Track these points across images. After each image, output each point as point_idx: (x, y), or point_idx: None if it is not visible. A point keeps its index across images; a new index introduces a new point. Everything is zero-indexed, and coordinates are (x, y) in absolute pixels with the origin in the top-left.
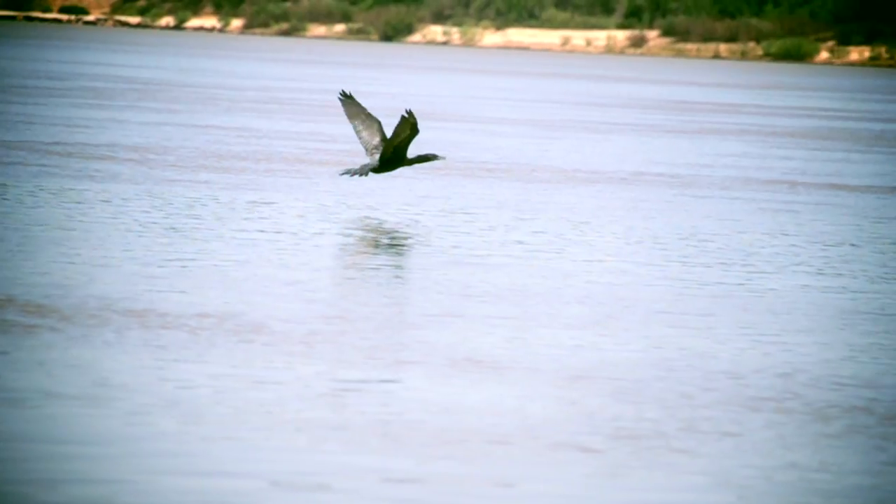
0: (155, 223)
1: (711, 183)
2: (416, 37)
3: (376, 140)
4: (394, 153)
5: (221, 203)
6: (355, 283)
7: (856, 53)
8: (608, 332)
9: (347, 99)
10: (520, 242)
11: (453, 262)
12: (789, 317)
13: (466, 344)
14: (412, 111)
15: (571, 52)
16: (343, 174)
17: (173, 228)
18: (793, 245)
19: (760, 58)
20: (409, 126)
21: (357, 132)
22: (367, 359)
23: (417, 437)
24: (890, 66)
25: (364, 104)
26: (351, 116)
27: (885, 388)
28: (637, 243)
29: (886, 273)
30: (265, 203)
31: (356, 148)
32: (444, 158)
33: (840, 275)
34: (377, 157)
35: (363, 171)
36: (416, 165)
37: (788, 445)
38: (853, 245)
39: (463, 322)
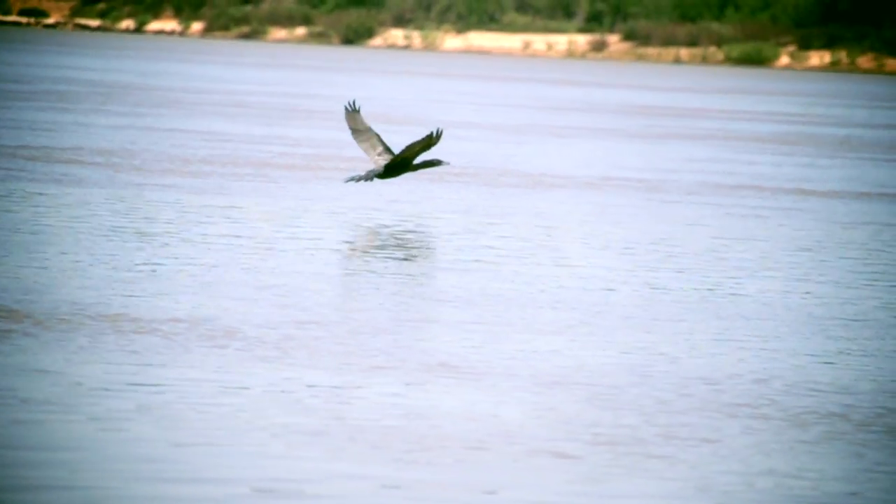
0: (124, 227)
1: (679, 188)
2: (377, 40)
3: (379, 149)
4: (402, 161)
5: (190, 207)
6: (327, 287)
7: (816, 58)
8: (582, 338)
9: (353, 112)
10: (490, 248)
11: (424, 268)
12: (762, 322)
13: (441, 349)
14: (440, 133)
15: (532, 56)
16: (348, 180)
17: (142, 233)
18: (762, 250)
19: (721, 62)
20: (427, 140)
21: (359, 143)
22: (342, 364)
23: (395, 443)
24: (850, 70)
25: (328, 108)
26: (353, 128)
27: (861, 395)
28: (607, 248)
29: (856, 279)
30: (233, 207)
31: (322, 152)
32: (448, 164)
33: (811, 280)
34: (382, 163)
35: (368, 177)
36: (420, 171)
37: (766, 452)
38: (822, 250)
39: (436, 327)
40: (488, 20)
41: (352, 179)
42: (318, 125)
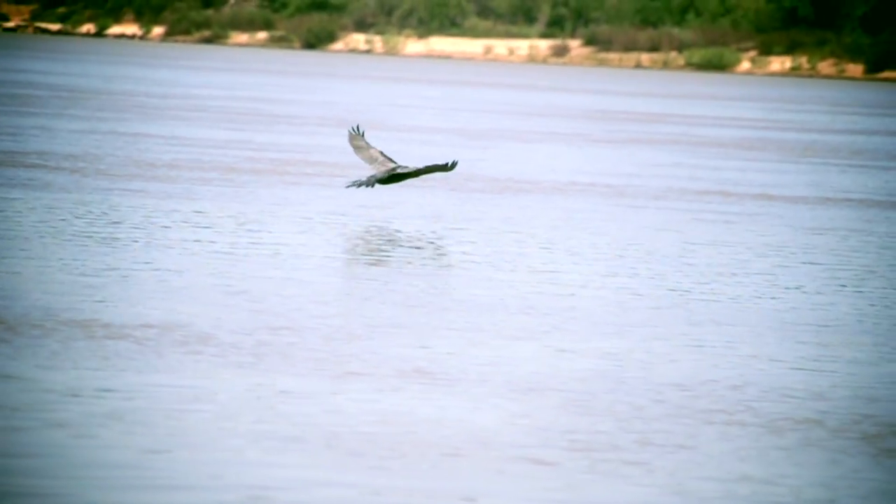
0: (92, 233)
1: (645, 193)
2: (339, 45)
3: (381, 159)
4: (408, 174)
5: (157, 212)
6: (298, 293)
7: (777, 63)
8: (554, 344)
9: (356, 136)
10: (461, 253)
11: (394, 273)
12: (734, 328)
13: (415, 355)
14: (455, 164)
15: (494, 60)
16: (349, 186)
17: (111, 238)
18: (731, 256)
19: (682, 67)
20: (440, 168)
21: (360, 157)
22: (317, 370)
23: (372, 450)
24: (810, 76)
25: (292, 112)
26: (355, 146)
27: (835, 401)
28: (577, 254)
29: (825, 285)
30: (201, 212)
31: (288, 157)
32: (452, 168)
33: (780, 286)
34: (383, 169)
35: (369, 183)
36: (423, 176)
37: (743, 458)
38: (790, 256)
39: (409, 333)
40: (450, 25)
41: (353, 184)
42: (283, 130)
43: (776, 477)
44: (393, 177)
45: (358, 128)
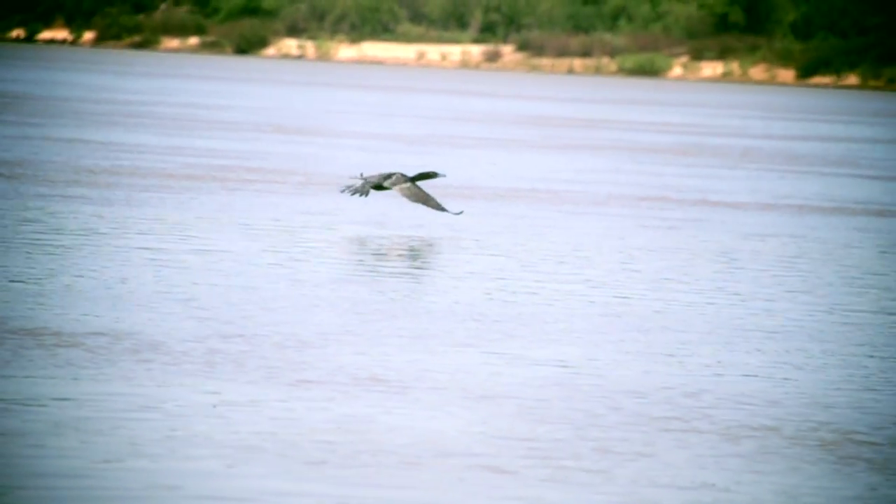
0: (34, 240)
1: (587, 199)
2: (271, 50)
3: (374, 172)
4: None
5: (99, 219)
6: (245, 300)
7: (709, 69)
8: (507, 351)
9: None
10: (407, 259)
11: (342, 280)
12: (684, 334)
13: (368, 363)
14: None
15: (427, 66)
16: (343, 191)
17: (54, 245)
18: (677, 262)
19: (614, 73)
20: (430, 175)
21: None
22: (271, 378)
23: (330, 459)
24: (742, 81)
25: (227, 118)
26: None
27: (789, 408)
28: (522, 260)
29: (771, 291)
30: (143, 219)
31: (226, 163)
32: (444, 176)
33: (727, 292)
34: (377, 175)
35: (364, 190)
36: (417, 183)
37: (701, 465)
38: (735, 262)
39: (361, 340)
40: (382, 30)
41: (347, 190)
42: (220, 136)
43: (735, 485)
44: (382, 185)
45: (361, 174)
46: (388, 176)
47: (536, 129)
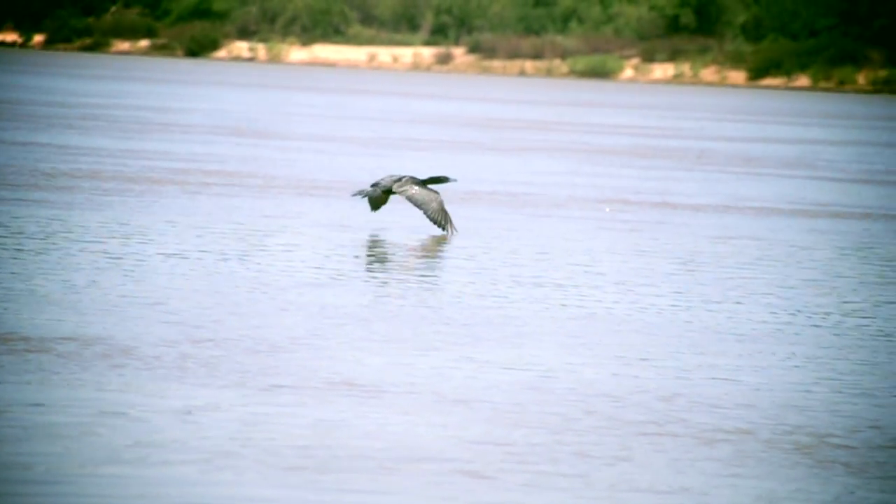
0: None
1: (547, 202)
2: (222, 52)
3: (393, 175)
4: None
5: (61, 222)
6: (212, 303)
7: (660, 71)
8: (476, 355)
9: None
10: (374, 262)
11: (309, 283)
12: (654, 338)
13: (341, 367)
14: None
15: (378, 68)
16: (355, 195)
17: (17, 249)
18: (640, 265)
19: (566, 75)
20: (443, 179)
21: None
22: (245, 383)
23: (307, 464)
24: (693, 83)
25: (182, 121)
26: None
27: (763, 410)
28: (485, 263)
29: (735, 294)
30: (106, 223)
31: (184, 166)
32: (455, 180)
33: (694, 295)
34: (389, 179)
35: (374, 193)
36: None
37: (679, 470)
38: (698, 265)
39: (333, 344)
40: (333, 32)
41: (359, 194)
42: (176, 139)
43: (714, 488)
44: (391, 190)
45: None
46: (399, 179)
47: (491, 131)
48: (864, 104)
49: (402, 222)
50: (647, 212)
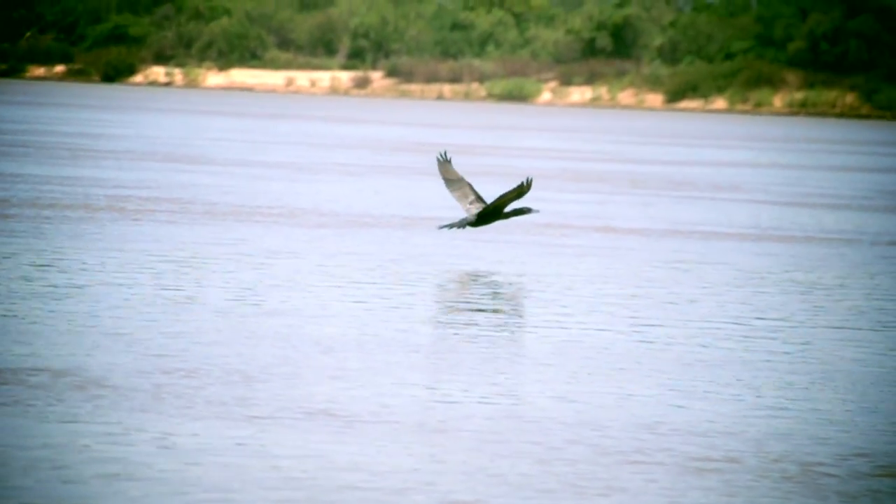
0: None
1: (488, 227)
2: (139, 77)
3: (471, 197)
4: (493, 210)
5: (5, 252)
6: (177, 332)
7: (577, 94)
8: (445, 384)
9: (445, 162)
10: (332, 288)
11: (268, 313)
12: (629, 365)
13: (318, 397)
14: (531, 181)
15: (296, 92)
16: (443, 227)
17: None
18: (587, 290)
19: (484, 98)
20: (517, 190)
21: (451, 192)
22: (223, 413)
23: (293, 496)
24: (611, 106)
25: (108, 147)
26: (445, 178)
27: (747, 438)
28: (440, 288)
29: (696, 319)
30: (54, 251)
31: (122, 193)
32: (538, 212)
33: (649, 320)
34: (474, 211)
35: (461, 225)
36: (512, 219)
37: (673, 499)
38: (645, 290)
39: (306, 373)
40: (250, 57)
41: (446, 226)
42: (109, 165)
43: None
44: (482, 219)
45: (446, 154)
46: (483, 211)
47: (419, 155)
48: (782, 126)
49: (357, 249)
50: (591, 236)
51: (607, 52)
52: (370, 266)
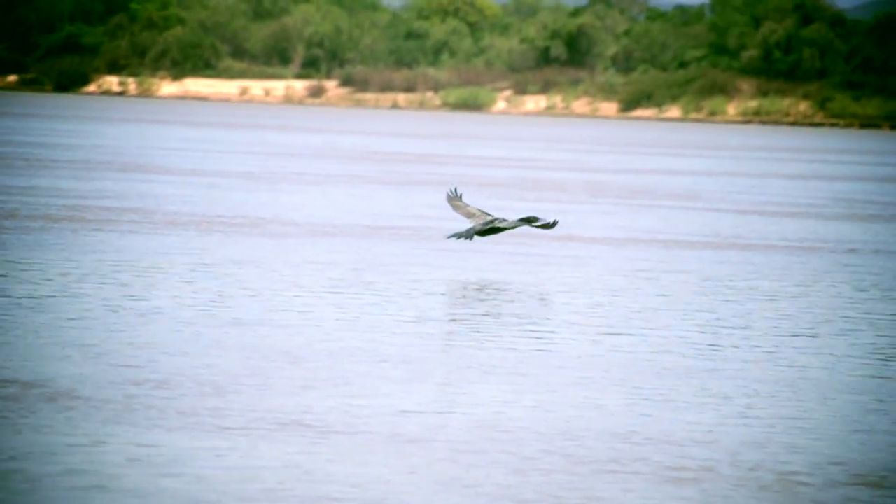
0: None
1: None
2: (92, 87)
3: (478, 214)
4: (513, 226)
5: None
6: (145, 342)
7: (532, 102)
8: (417, 394)
9: (454, 196)
10: (298, 298)
11: (235, 323)
12: (601, 374)
13: (290, 408)
14: (556, 223)
15: (250, 101)
16: (450, 237)
17: None
18: (562, 301)
19: (438, 107)
20: (545, 225)
21: (460, 214)
22: (196, 424)
23: None
24: (565, 115)
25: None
26: (454, 208)
27: (721, 447)
28: (406, 297)
29: (664, 328)
30: (18, 262)
31: (81, 203)
32: (549, 223)
33: (622, 329)
34: (481, 221)
35: (468, 235)
36: (518, 229)
37: None
38: (627, 299)
39: (279, 384)
40: (204, 66)
41: (453, 236)
42: (66, 175)
43: None
44: (490, 229)
45: (456, 190)
46: (490, 222)
47: (375, 164)
48: (736, 134)
49: (321, 258)
50: (553, 246)
51: (562, 60)
52: (335, 275)
